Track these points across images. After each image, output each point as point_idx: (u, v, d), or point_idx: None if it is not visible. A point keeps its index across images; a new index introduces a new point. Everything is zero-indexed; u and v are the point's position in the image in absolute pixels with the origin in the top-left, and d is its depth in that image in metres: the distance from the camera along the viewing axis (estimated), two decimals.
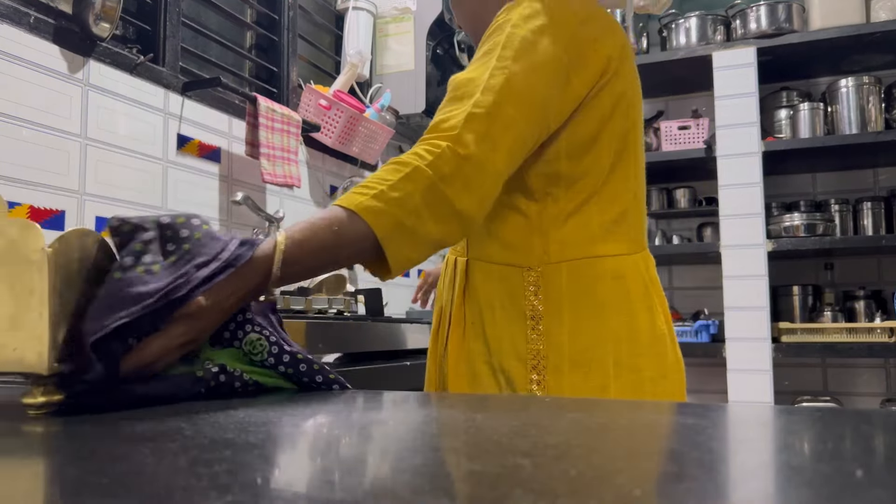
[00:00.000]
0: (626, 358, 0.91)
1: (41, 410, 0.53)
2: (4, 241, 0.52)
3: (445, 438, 0.46)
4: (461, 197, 0.77)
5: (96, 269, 0.58)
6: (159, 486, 0.34)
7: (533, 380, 0.91)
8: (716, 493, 0.31)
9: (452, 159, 0.77)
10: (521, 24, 0.86)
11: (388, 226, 0.73)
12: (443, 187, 0.76)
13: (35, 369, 0.51)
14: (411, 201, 0.74)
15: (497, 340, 0.93)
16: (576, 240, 0.93)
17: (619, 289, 0.93)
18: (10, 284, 0.51)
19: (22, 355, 0.51)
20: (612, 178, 0.94)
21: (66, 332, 0.54)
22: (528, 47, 0.85)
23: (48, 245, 0.52)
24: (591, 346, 0.90)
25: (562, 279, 0.92)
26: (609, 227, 0.94)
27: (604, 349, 0.90)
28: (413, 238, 0.75)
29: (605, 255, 0.93)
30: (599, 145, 0.93)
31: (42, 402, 0.53)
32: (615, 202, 0.94)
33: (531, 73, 0.84)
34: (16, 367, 0.51)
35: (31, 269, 0.51)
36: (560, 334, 0.91)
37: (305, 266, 0.70)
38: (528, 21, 0.87)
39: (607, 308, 0.92)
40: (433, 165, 0.76)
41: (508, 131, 0.81)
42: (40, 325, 0.51)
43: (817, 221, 2.57)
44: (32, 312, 0.51)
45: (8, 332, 0.51)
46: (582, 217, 0.93)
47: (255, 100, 1.78)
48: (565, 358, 0.90)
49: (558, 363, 0.90)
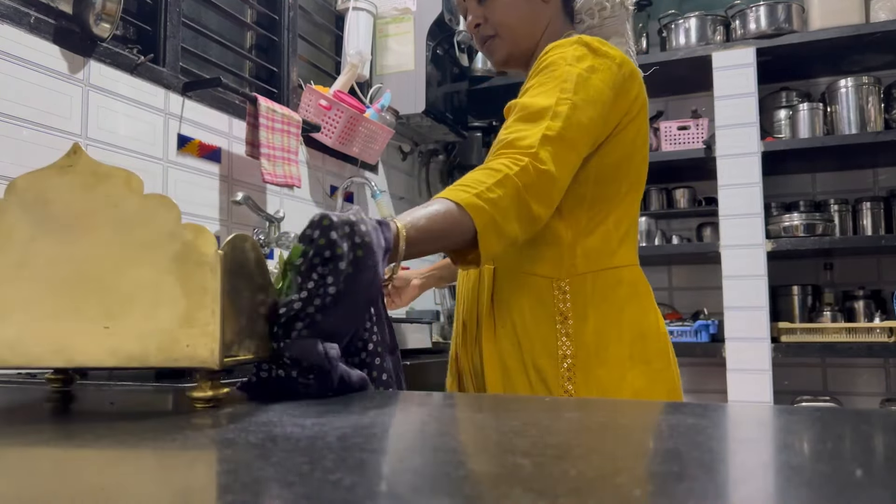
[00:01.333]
0: (639, 352, 1.05)
1: (209, 404, 0.56)
2: (180, 244, 0.55)
3: (445, 438, 0.46)
4: (538, 204, 0.91)
5: (251, 272, 0.61)
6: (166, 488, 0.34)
7: (565, 376, 1.03)
8: (716, 493, 0.31)
9: (533, 172, 0.90)
10: (574, 64, 1.00)
11: (485, 222, 0.86)
12: (525, 195, 0.89)
13: (207, 364, 0.54)
14: (503, 203, 0.87)
15: (529, 341, 1.04)
16: (598, 253, 1.06)
17: (632, 293, 1.08)
18: (184, 284, 0.54)
19: (194, 351, 0.54)
20: (625, 200, 1.09)
21: (234, 328, 0.57)
22: (584, 83, 0.99)
23: (219, 248, 0.56)
24: (610, 343, 1.04)
25: (587, 287, 1.05)
26: (621, 241, 1.09)
27: (621, 345, 1.04)
28: (500, 234, 0.88)
29: (620, 266, 1.08)
30: (621, 173, 1.07)
31: (210, 395, 0.56)
32: (624, 220, 1.09)
33: (587, 105, 0.98)
34: (188, 362, 0.54)
35: (204, 269, 0.54)
36: (586, 334, 1.03)
37: (420, 249, 0.83)
38: (580, 61, 1.00)
39: (624, 310, 1.06)
40: (519, 175, 0.89)
41: (572, 153, 0.96)
42: (213, 322, 0.54)
43: (817, 221, 2.57)
44: (205, 310, 0.54)
45: (181, 328, 0.54)
46: (602, 233, 1.07)
47: (255, 100, 1.78)
48: (592, 356, 1.03)
49: (586, 360, 1.03)
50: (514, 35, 1.15)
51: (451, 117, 2.61)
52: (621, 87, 1.03)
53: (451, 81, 2.64)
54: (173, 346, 0.54)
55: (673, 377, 1.09)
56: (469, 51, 2.70)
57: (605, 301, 1.05)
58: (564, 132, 0.94)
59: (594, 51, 1.02)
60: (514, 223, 0.89)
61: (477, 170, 0.91)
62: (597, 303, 1.05)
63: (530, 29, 1.14)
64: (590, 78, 0.99)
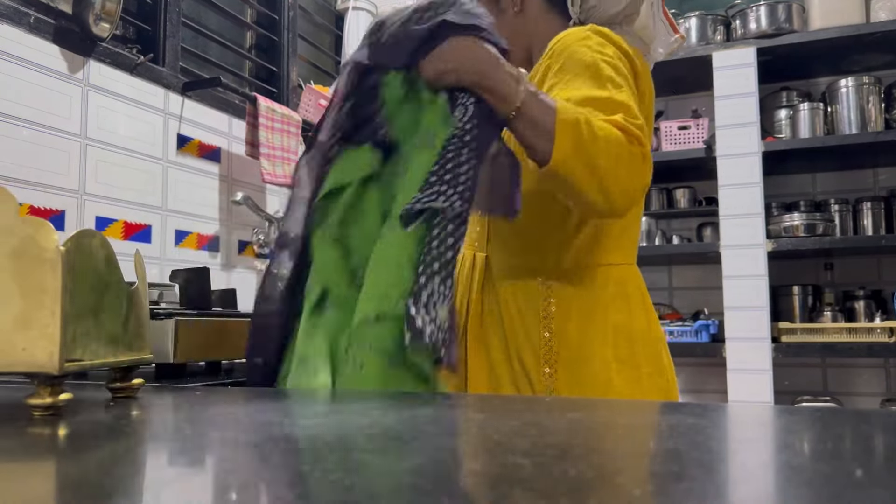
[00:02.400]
0: (626, 355, 1.01)
1: (48, 412, 0.52)
2: (17, 239, 0.51)
3: (445, 438, 0.46)
4: (641, 148, 0.86)
5: (99, 271, 0.58)
6: (158, 486, 0.34)
7: (546, 373, 1.01)
8: (716, 493, 0.31)
9: (635, 130, 0.86)
10: (601, 50, 0.97)
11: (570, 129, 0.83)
12: (627, 145, 0.85)
13: (45, 369, 0.50)
14: (601, 133, 0.84)
15: (514, 333, 1.04)
16: (586, 250, 1.04)
17: (620, 293, 1.04)
18: (21, 283, 0.51)
19: (31, 355, 0.50)
20: None
21: (77, 330, 0.53)
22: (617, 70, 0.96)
23: (61, 244, 0.52)
24: (594, 343, 1.01)
25: (572, 284, 1.03)
26: (613, 240, 1.05)
27: (605, 345, 1.01)
28: (579, 146, 0.83)
29: (609, 264, 1.05)
30: None
31: (49, 402, 0.52)
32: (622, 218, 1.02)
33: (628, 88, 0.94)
34: (24, 367, 0.50)
35: (44, 267, 0.51)
36: (569, 331, 1.01)
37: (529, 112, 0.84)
38: (603, 48, 0.98)
39: (610, 309, 1.02)
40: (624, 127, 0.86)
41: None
42: (52, 324, 0.50)
43: (817, 221, 2.57)
44: (44, 311, 0.50)
45: (17, 330, 0.50)
46: (592, 230, 1.03)
47: (255, 100, 1.78)
48: (574, 353, 1.01)
49: (568, 358, 1.01)
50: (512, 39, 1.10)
51: None
52: (637, 76, 1.01)
53: None
54: (8, 349, 0.50)
55: (666, 384, 1.04)
56: None
57: (589, 300, 1.03)
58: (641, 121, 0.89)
59: (609, 40, 1.00)
60: (602, 160, 0.83)
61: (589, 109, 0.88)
62: (581, 300, 1.02)
63: (513, 42, 1.08)
64: (618, 65, 0.96)
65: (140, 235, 1.56)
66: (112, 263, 0.60)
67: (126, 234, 1.52)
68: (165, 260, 1.62)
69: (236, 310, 1.33)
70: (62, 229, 1.40)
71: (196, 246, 1.72)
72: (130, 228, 1.53)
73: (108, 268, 0.59)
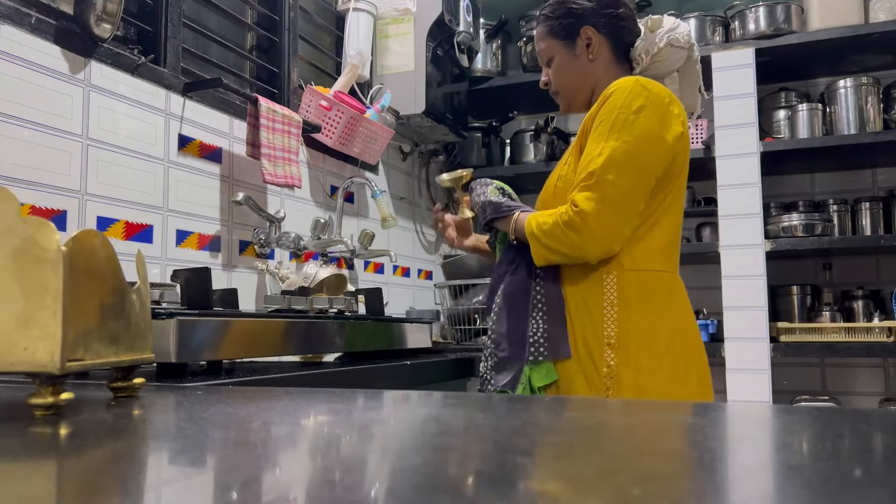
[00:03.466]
0: (676, 343, 1.28)
1: (49, 411, 0.52)
2: (19, 239, 0.51)
3: (445, 438, 0.46)
4: (574, 234, 1.24)
5: (100, 271, 0.58)
6: (159, 485, 0.34)
7: (608, 353, 1.25)
8: (715, 493, 0.31)
9: (570, 213, 1.24)
10: (625, 109, 1.26)
11: (533, 241, 1.30)
12: (564, 228, 1.25)
13: (46, 369, 0.50)
14: (546, 228, 1.28)
15: (580, 320, 1.29)
16: (643, 256, 1.30)
17: (669, 296, 1.31)
18: (22, 282, 0.51)
19: (32, 354, 0.50)
20: (667, 214, 1.32)
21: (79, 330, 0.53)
22: (630, 125, 1.25)
23: (62, 244, 0.52)
24: (650, 333, 1.26)
25: (631, 283, 1.28)
26: (663, 251, 1.32)
27: (659, 336, 1.27)
28: (544, 247, 1.28)
29: (661, 270, 1.32)
30: (666, 190, 1.31)
31: (51, 402, 0.52)
32: (667, 233, 1.33)
33: (629, 144, 1.24)
34: (25, 367, 0.50)
35: (45, 267, 0.51)
36: (629, 321, 1.26)
37: (519, 234, 1.34)
38: (632, 104, 1.26)
39: (663, 307, 1.29)
40: (562, 215, 1.26)
41: (608, 188, 1.24)
42: (54, 323, 0.50)
43: (816, 221, 2.57)
44: (45, 310, 0.50)
45: (19, 330, 0.50)
46: (647, 241, 1.30)
47: (255, 100, 1.78)
48: (632, 339, 1.25)
49: (627, 342, 1.25)
50: (570, 91, 1.46)
51: (451, 118, 2.61)
52: (669, 119, 1.28)
53: (451, 82, 2.64)
54: (10, 349, 0.50)
55: (703, 371, 1.32)
56: (469, 51, 2.70)
57: (646, 297, 1.27)
58: (602, 176, 1.22)
59: (648, 90, 1.27)
60: (551, 242, 1.26)
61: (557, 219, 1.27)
62: (639, 297, 1.27)
63: (581, 84, 1.44)
64: (637, 119, 1.24)
65: (141, 235, 1.56)
66: (113, 263, 0.60)
67: (127, 235, 1.53)
68: (166, 260, 1.63)
69: (237, 310, 1.33)
70: (63, 229, 1.40)
71: (197, 246, 1.72)
72: (132, 228, 1.54)
73: (109, 268, 0.59)
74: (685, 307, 1.34)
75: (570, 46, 1.43)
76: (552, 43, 1.45)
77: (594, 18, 1.41)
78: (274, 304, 1.35)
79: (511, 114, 3.04)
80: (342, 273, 1.86)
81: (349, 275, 2.26)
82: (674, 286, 1.33)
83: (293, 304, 1.35)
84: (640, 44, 1.41)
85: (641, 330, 1.25)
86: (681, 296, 1.34)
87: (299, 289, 1.67)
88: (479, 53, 2.87)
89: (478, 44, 2.73)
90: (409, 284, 2.74)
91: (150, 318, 0.68)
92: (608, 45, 1.42)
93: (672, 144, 1.28)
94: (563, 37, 1.43)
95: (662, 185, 1.30)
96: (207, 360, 1.06)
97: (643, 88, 1.27)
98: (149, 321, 0.67)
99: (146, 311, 0.67)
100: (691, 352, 1.30)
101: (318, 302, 1.38)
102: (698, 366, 1.32)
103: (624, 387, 1.24)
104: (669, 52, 1.39)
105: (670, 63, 1.42)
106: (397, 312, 2.59)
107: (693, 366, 1.30)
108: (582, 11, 1.41)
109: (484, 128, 3.04)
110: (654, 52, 1.39)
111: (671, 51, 1.39)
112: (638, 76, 1.31)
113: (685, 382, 1.28)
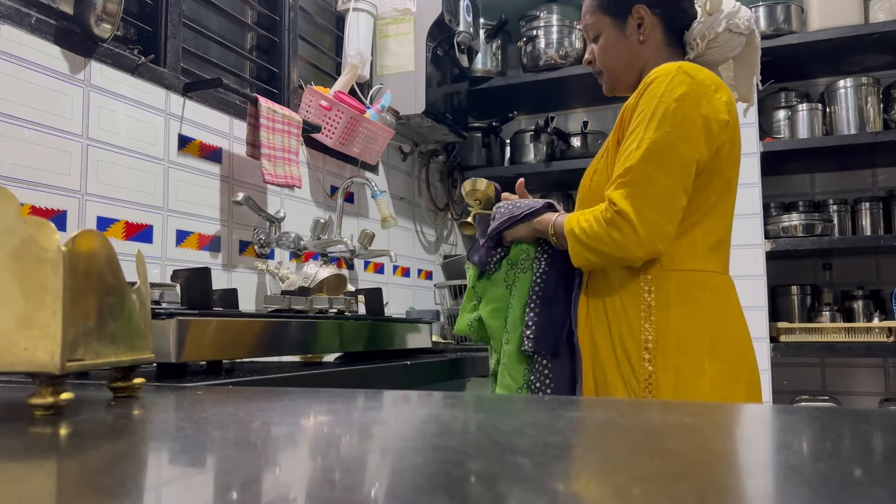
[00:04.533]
0: (719, 351, 1.18)
1: (49, 411, 0.52)
2: (19, 239, 0.51)
3: (445, 438, 0.46)
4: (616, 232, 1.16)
5: (101, 271, 0.58)
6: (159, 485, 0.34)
7: (646, 358, 1.18)
8: (715, 493, 0.31)
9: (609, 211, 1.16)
10: (666, 97, 1.16)
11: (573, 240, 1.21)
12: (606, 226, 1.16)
13: (46, 369, 0.50)
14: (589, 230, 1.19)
15: (617, 324, 1.22)
16: (683, 255, 1.21)
17: (714, 297, 1.22)
18: (22, 283, 0.51)
19: (32, 354, 0.50)
20: (713, 212, 1.23)
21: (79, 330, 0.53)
22: (671, 116, 1.16)
23: (62, 244, 0.52)
24: (691, 337, 1.18)
25: (671, 283, 1.20)
26: (709, 249, 1.23)
27: (701, 340, 1.18)
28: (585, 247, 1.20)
29: (705, 270, 1.22)
30: (711, 186, 1.21)
31: (51, 402, 0.52)
32: (714, 231, 1.23)
33: (670, 136, 1.15)
34: (26, 367, 0.50)
35: (45, 267, 0.51)
36: (667, 325, 1.18)
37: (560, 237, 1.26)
38: (673, 92, 1.17)
39: (706, 310, 1.20)
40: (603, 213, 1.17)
41: (650, 186, 1.15)
42: (54, 323, 0.50)
43: (816, 221, 2.57)
44: (46, 310, 0.50)
45: (19, 330, 0.50)
46: (688, 239, 1.21)
47: (255, 100, 1.78)
48: (671, 343, 1.17)
49: (665, 347, 1.17)
50: (615, 73, 1.36)
51: (451, 118, 2.61)
52: (714, 108, 1.18)
53: (451, 82, 2.64)
54: (10, 349, 0.50)
55: (753, 379, 1.22)
56: (469, 51, 2.70)
57: (687, 298, 1.19)
58: (639, 172, 1.14)
59: (692, 77, 1.18)
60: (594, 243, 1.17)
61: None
62: (680, 299, 1.19)
63: (628, 66, 1.35)
64: (678, 108, 1.15)
65: (141, 235, 1.56)
66: (113, 263, 0.60)
67: (127, 235, 1.53)
68: (167, 260, 1.63)
69: (237, 310, 1.33)
70: (64, 229, 1.40)
71: (197, 246, 1.72)
72: (132, 228, 1.54)
73: (109, 268, 0.59)
74: (733, 310, 1.24)
75: (619, 25, 1.33)
76: (601, 19, 1.34)
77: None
78: (274, 304, 1.35)
79: (511, 114, 3.05)
80: (342, 273, 1.86)
81: (349, 275, 2.26)
82: (720, 287, 1.24)
83: (293, 304, 1.35)
84: (696, 27, 1.31)
85: (681, 333, 1.17)
86: (728, 298, 1.24)
87: (299, 289, 1.67)
88: (479, 53, 2.87)
89: (478, 44, 2.73)
90: (409, 284, 2.74)
91: (150, 318, 0.68)
92: (661, 26, 1.32)
93: (717, 134, 1.18)
94: (614, 13, 1.33)
95: (708, 179, 1.20)
96: (207, 360, 1.06)
97: (686, 75, 1.18)
98: (149, 321, 0.67)
99: (146, 311, 0.67)
100: (740, 359, 1.20)
101: (318, 302, 1.38)
102: (748, 374, 1.21)
103: (663, 394, 1.16)
104: (728, 38, 1.29)
105: (727, 50, 1.31)
106: (397, 312, 2.59)
107: (742, 374, 1.20)
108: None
109: (484, 128, 3.04)
110: (711, 38, 1.29)
111: (730, 37, 1.29)
112: (682, 62, 1.21)
113: (732, 391, 1.18)
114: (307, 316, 1.29)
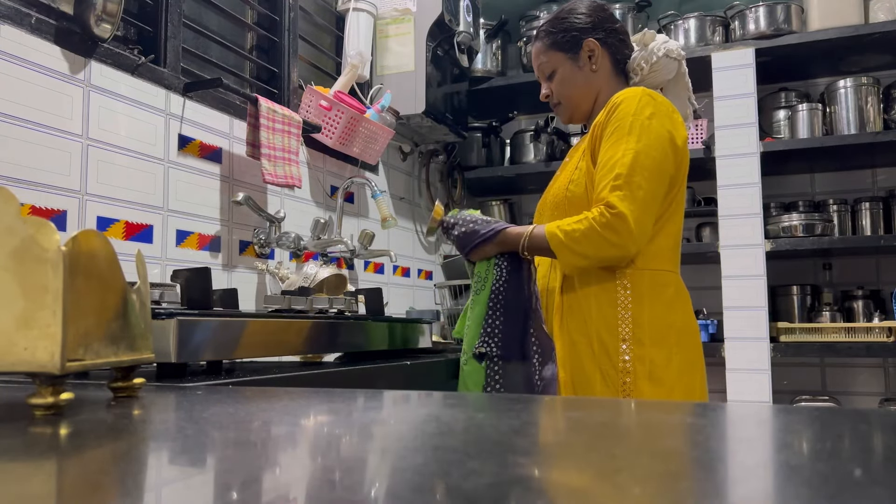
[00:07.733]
0: (684, 340, 1.35)
1: (49, 411, 0.52)
2: (19, 239, 0.51)
3: (445, 438, 0.46)
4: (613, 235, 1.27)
5: (100, 271, 0.58)
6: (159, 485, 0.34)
7: (623, 349, 1.31)
8: (715, 493, 0.31)
9: (607, 214, 1.27)
10: (639, 114, 1.32)
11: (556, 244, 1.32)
12: (601, 230, 1.27)
13: (46, 369, 0.50)
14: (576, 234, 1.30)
15: (593, 320, 1.35)
16: (654, 256, 1.36)
17: (675, 294, 1.38)
18: (22, 283, 0.51)
19: (33, 354, 0.50)
20: (673, 218, 1.39)
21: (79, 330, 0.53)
22: (647, 130, 1.31)
23: (62, 244, 0.52)
24: (662, 328, 1.33)
25: (644, 281, 1.35)
26: (669, 251, 1.39)
27: (669, 332, 1.34)
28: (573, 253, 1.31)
29: (668, 270, 1.39)
30: (671, 194, 1.37)
31: (51, 402, 0.52)
32: (673, 235, 1.40)
33: (649, 148, 1.30)
34: (26, 367, 0.50)
35: (45, 267, 0.51)
36: (642, 318, 1.32)
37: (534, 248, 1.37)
38: (643, 110, 1.33)
39: (672, 305, 1.36)
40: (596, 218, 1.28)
41: (638, 191, 1.29)
42: (54, 323, 0.50)
43: (816, 221, 2.57)
44: (46, 310, 0.50)
45: (19, 330, 0.50)
46: (657, 241, 1.36)
47: (256, 100, 1.78)
48: (646, 335, 1.32)
49: (641, 337, 1.31)
50: (573, 101, 1.51)
51: (451, 118, 2.61)
52: (675, 126, 1.35)
53: (451, 82, 2.64)
54: (10, 349, 0.50)
55: (703, 368, 1.41)
56: (469, 51, 2.70)
57: (657, 295, 1.34)
58: (630, 177, 1.27)
59: (655, 100, 1.35)
60: (588, 247, 1.28)
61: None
62: (651, 295, 1.34)
63: (584, 95, 1.50)
64: (651, 124, 1.31)
65: (141, 235, 1.56)
66: (113, 263, 0.60)
67: (127, 235, 1.53)
68: (167, 260, 1.63)
69: (237, 310, 1.33)
70: (64, 229, 1.40)
71: (197, 246, 1.72)
72: (132, 228, 1.54)
73: (109, 268, 0.59)
74: (688, 306, 1.41)
75: (573, 58, 1.49)
76: (555, 56, 1.51)
77: (595, 31, 1.48)
78: (274, 304, 1.35)
79: (511, 114, 3.05)
80: (342, 273, 1.86)
81: (349, 275, 2.26)
82: (679, 286, 1.41)
83: (293, 304, 1.35)
84: (638, 54, 1.49)
85: (654, 326, 1.32)
86: (685, 295, 1.41)
87: (299, 289, 1.67)
88: (479, 53, 2.87)
89: (478, 44, 2.73)
90: (409, 284, 2.74)
91: (150, 318, 0.68)
92: (609, 56, 1.49)
93: (682, 148, 1.36)
94: (567, 49, 1.49)
95: (670, 189, 1.36)
96: (207, 360, 1.06)
97: (650, 97, 1.35)
98: (149, 321, 0.67)
99: (146, 311, 0.66)
100: (696, 349, 1.38)
101: (318, 302, 1.38)
102: (700, 363, 1.40)
103: (639, 381, 1.29)
104: (665, 63, 1.49)
105: (665, 73, 1.51)
106: (397, 312, 2.59)
107: (697, 363, 1.38)
108: (583, 25, 1.49)
109: (484, 128, 3.04)
110: (653, 62, 1.48)
111: (667, 61, 1.49)
112: (643, 87, 1.39)
113: (693, 377, 1.36)
114: (307, 316, 1.28)
